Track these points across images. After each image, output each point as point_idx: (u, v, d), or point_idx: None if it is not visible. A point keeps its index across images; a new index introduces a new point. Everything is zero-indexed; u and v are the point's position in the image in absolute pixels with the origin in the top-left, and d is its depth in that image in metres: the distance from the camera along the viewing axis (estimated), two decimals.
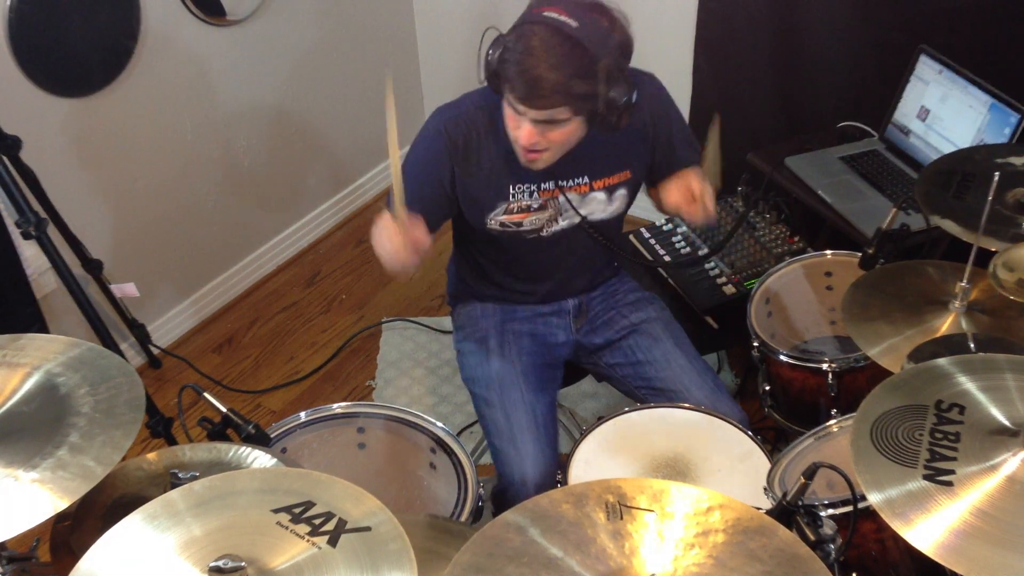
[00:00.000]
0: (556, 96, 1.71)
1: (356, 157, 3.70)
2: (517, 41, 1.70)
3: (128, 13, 2.65)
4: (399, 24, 3.65)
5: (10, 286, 2.48)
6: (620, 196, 2.02)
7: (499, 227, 1.98)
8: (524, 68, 1.69)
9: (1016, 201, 1.85)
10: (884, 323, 1.77)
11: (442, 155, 1.90)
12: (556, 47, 1.67)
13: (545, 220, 1.99)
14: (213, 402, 1.74)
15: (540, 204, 1.96)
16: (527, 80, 1.70)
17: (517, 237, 2.00)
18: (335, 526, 1.20)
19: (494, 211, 1.96)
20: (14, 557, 1.49)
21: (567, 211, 1.99)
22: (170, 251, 3.08)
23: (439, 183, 1.92)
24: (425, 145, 1.93)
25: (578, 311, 2.17)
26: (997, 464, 1.25)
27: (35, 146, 2.39)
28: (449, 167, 1.91)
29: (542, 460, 1.93)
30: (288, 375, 3.06)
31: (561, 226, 2.01)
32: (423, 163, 1.93)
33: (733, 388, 2.84)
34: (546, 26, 1.68)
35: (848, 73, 2.75)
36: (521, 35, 1.70)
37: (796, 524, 1.38)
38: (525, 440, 1.95)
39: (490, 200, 1.95)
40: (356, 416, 1.97)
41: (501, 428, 1.99)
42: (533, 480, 1.90)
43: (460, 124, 1.90)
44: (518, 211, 1.96)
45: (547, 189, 1.95)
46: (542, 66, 1.68)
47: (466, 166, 1.91)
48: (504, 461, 1.95)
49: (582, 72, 1.69)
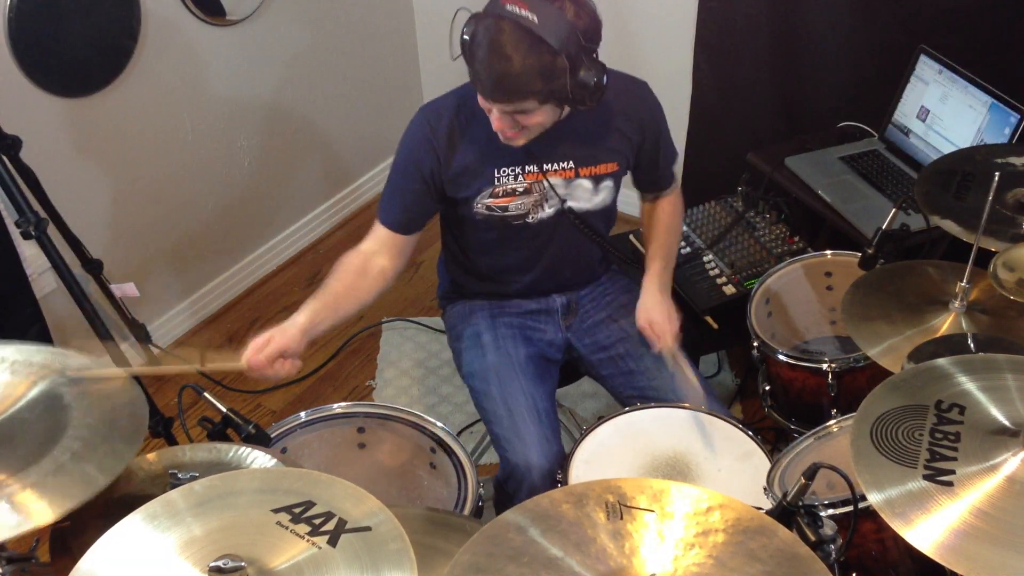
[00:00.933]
0: (519, 91, 1.75)
1: (356, 157, 3.70)
2: (481, 36, 1.73)
3: (128, 13, 2.65)
4: (399, 24, 3.65)
5: (10, 286, 2.48)
6: (606, 187, 2.04)
7: (485, 211, 2.00)
8: (487, 65, 1.73)
9: (1016, 201, 1.85)
10: (884, 323, 1.77)
11: (424, 145, 1.94)
12: (517, 43, 1.70)
13: (531, 205, 2.00)
14: (213, 402, 1.74)
15: (525, 188, 1.98)
16: (491, 76, 1.74)
17: (503, 223, 2.02)
18: (335, 526, 1.20)
19: (480, 194, 1.98)
20: (14, 557, 1.49)
21: (553, 198, 2.00)
22: (170, 251, 3.08)
23: (421, 179, 1.97)
24: (409, 139, 1.98)
25: (567, 309, 2.18)
26: (997, 464, 1.25)
27: (35, 146, 2.39)
28: (433, 156, 1.94)
29: (546, 446, 1.93)
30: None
31: (547, 213, 2.02)
32: (406, 160, 1.98)
33: (733, 388, 2.84)
34: (507, 21, 1.70)
35: (848, 73, 2.75)
36: (484, 29, 1.73)
37: (796, 524, 1.37)
38: (527, 426, 1.95)
39: (476, 183, 1.97)
40: (356, 416, 1.97)
41: (502, 417, 1.99)
42: (538, 465, 1.90)
43: (441, 114, 1.95)
44: (503, 195, 1.98)
45: (531, 172, 1.97)
46: (504, 63, 1.71)
47: (450, 153, 1.95)
48: (507, 448, 1.95)
49: (544, 66, 1.71)
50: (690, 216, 2.72)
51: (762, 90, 2.93)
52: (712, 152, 3.11)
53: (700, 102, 3.07)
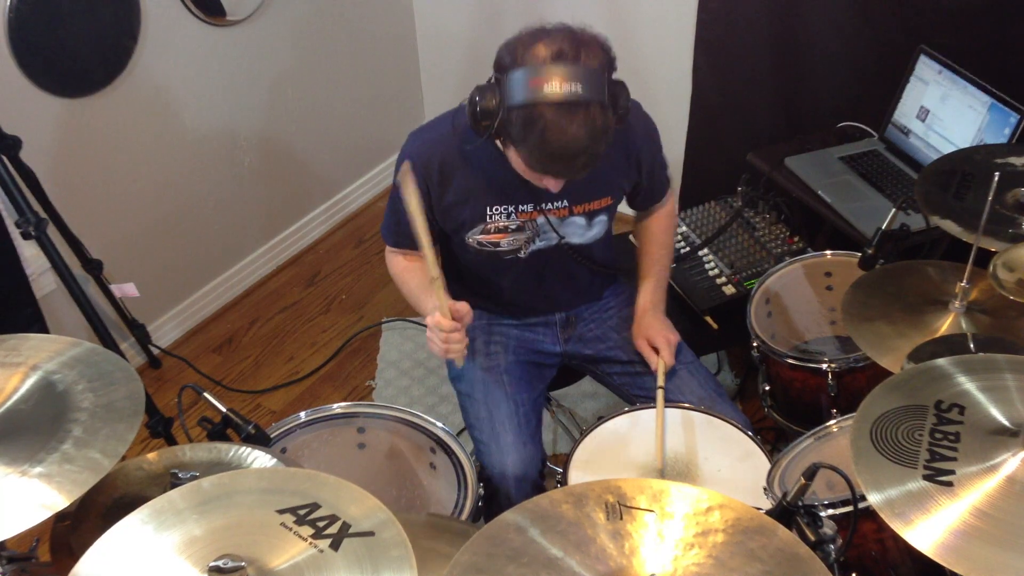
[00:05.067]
0: (591, 164, 1.71)
1: (356, 157, 3.70)
2: (529, 125, 1.65)
3: (128, 13, 2.65)
4: (399, 24, 3.64)
5: (10, 286, 2.48)
6: (599, 222, 2.01)
7: (476, 245, 1.97)
8: (551, 154, 1.67)
9: (1016, 201, 1.85)
10: (884, 323, 1.78)
11: (416, 177, 1.85)
12: (575, 124, 1.63)
13: (523, 241, 1.98)
14: (213, 402, 1.74)
15: (518, 225, 1.95)
16: (558, 162, 1.69)
17: (495, 257, 2.00)
18: (339, 529, 1.20)
19: (472, 230, 1.95)
20: (14, 557, 1.50)
21: (546, 232, 1.98)
22: (170, 251, 3.08)
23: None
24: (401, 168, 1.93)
25: (566, 322, 2.16)
26: (997, 464, 1.25)
27: (35, 146, 2.39)
28: (424, 188, 1.88)
29: (523, 454, 1.93)
30: (288, 375, 3.06)
31: (539, 246, 2.00)
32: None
33: (733, 388, 2.84)
34: (556, 106, 1.63)
35: (848, 73, 2.75)
36: (532, 119, 1.64)
37: (796, 524, 1.37)
38: (506, 435, 1.95)
39: (467, 220, 1.94)
40: (356, 416, 1.97)
41: (483, 422, 1.99)
42: (513, 473, 1.90)
43: (434, 149, 1.89)
44: (495, 231, 1.95)
45: (525, 211, 1.94)
46: (571, 148, 1.65)
47: (442, 190, 1.91)
48: (485, 453, 1.96)
49: (602, 129, 1.67)
50: (690, 216, 2.73)
51: (762, 90, 2.93)
52: (712, 152, 3.11)
53: (700, 102, 3.06)
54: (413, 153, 1.90)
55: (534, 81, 1.63)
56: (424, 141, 1.92)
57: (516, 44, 1.70)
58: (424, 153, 1.89)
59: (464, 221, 1.95)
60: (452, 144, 1.88)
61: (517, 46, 1.69)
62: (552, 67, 1.63)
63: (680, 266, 2.58)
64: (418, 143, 1.92)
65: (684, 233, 2.68)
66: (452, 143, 1.88)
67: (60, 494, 1.31)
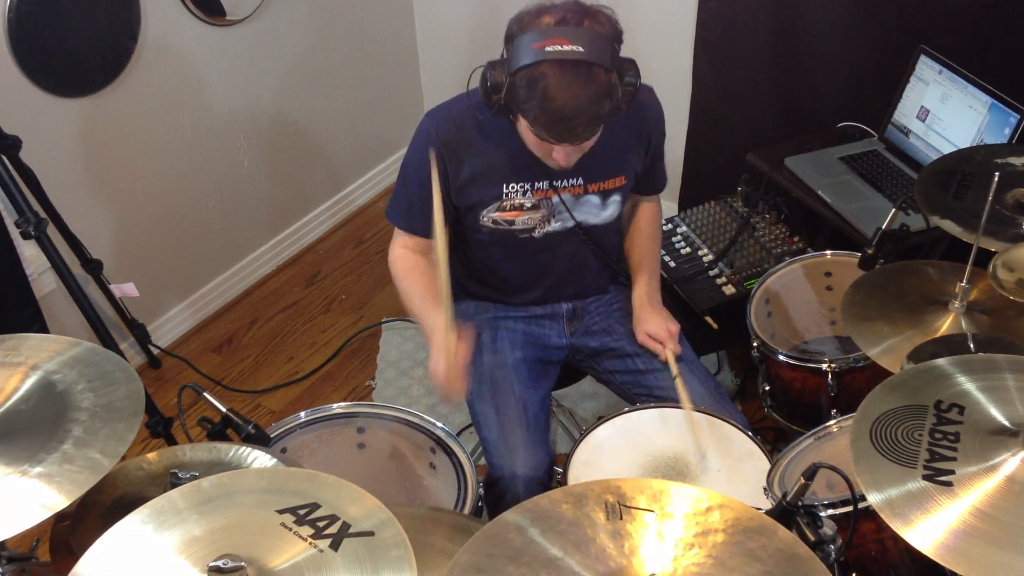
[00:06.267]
0: (591, 126, 1.72)
1: (356, 157, 3.70)
2: (532, 85, 1.67)
3: (128, 13, 2.65)
4: (399, 24, 3.64)
5: (10, 286, 2.48)
6: (614, 202, 2.02)
7: (491, 224, 1.98)
8: (552, 112, 1.68)
9: (1016, 201, 1.85)
10: (884, 323, 1.77)
11: (433, 154, 1.89)
12: (576, 82, 1.65)
13: (538, 220, 1.99)
14: (213, 402, 1.74)
15: (533, 203, 1.96)
16: (559, 123, 1.69)
17: (509, 236, 2.00)
18: (339, 529, 1.20)
19: (487, 208, 1.96)
20: (14, 557, 1.50)
21: (560, 213, 1.99)
22: (170, 251, 3.08)
23: (430, 187, 1.92)
24: (418, 148, 1.94)
25: (572, 314, 2.17)
26: (997, 464, 1.25)
27: (35, 146, 2.39)
28: (442, 165, 1.90)
29: (533, 455, 1.93)
30: (288, 375, 3.06)
31: (553, 227, 2.00)
32: (417, 166, 1.93)
33: (733, 388, 2.84)
34: (558, 64, 1.65)
35: (848, 73, 2.75)
36: (534, 79, 1.66)
37: (796, 524, 1.38)
38: (515, 435, 1.95)
39: (484, 197, 1.95)
40: (356, 416, 1.97)
41: (491, 422, 1.99)
42: (523, 475, 1.90)
43: (451, 125, 1.91)
44: (511, 209, 1.96)
45: (541, 188, 1.95)
46: (570, 106, 1.66)
47: (458, 165, 1.92)
48: (494, 454, 1.96)
49: (604, 91, 1.68)
50: (690, 216, 2.73)
51: (762, 90, 2.93)
52: (712, 152, 3.11)
53: (700, 102, 3.06)
54: (431, 130, 1.91)
55: (537, 43, 1.66)
56: (442, 119, 1.93)
57: (523, 14, 1.73)
58: (442, 130, 1.90)
59: (481, 198, 1.95)
60: (469, 121, 1.90)
61: (524, 16, 1.72)
62: (555, 29, 1.66)
63: (680, 266, 2.58)
64: (436, 120, 1.93)
65: (684, 233, 2.68)
66: (469, 120, 1.90)
67: (60, 494, 1.31)
